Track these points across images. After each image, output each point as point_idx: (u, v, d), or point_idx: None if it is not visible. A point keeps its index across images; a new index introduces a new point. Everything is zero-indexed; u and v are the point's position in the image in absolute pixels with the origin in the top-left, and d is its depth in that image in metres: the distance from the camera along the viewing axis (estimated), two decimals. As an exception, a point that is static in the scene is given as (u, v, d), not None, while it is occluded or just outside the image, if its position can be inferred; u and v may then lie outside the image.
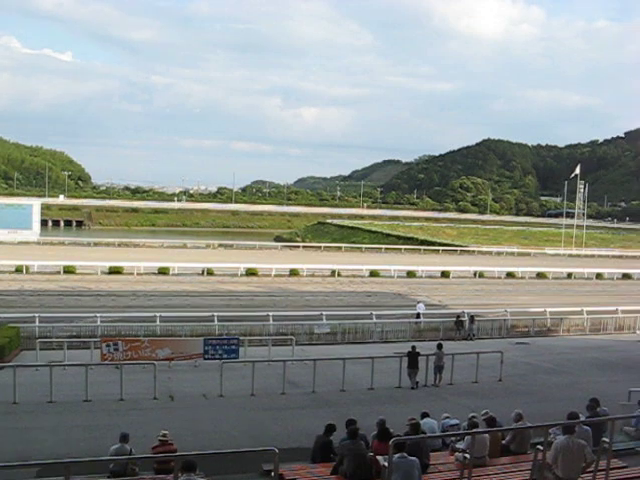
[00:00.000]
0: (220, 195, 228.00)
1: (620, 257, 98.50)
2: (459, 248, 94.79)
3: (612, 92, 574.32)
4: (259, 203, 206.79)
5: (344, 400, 20.56)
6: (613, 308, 42.41)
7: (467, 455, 8.97)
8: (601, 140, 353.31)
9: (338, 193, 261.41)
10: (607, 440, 9.90)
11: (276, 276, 59.69)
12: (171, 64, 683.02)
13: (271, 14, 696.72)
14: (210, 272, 59.17)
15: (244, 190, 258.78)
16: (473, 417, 13.75)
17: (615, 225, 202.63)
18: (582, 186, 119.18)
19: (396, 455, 9.27)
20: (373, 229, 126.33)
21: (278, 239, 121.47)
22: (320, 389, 21.52)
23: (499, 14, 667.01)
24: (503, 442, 13.27)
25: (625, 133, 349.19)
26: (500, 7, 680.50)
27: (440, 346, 24.13)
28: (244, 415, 18.96)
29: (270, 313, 34.22)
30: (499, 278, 66.16)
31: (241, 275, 59.14)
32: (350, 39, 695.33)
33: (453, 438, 13.55)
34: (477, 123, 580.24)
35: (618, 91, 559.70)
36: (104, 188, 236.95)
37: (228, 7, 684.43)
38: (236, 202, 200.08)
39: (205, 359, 25.11)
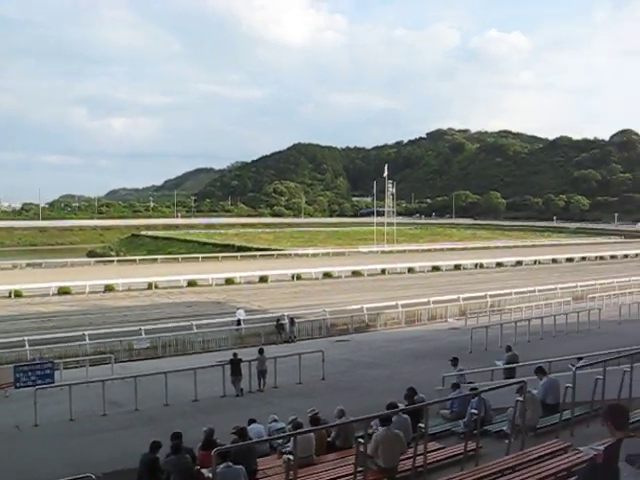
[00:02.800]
0: (26, 212, 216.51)
1: (429, 251, 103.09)
2: (276, 252, 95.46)
3: (413, 95, 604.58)
4: (69, 218, 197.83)
5: (169, 415, 20.04)
6: (425, 300, 44.40)
7: (290, 457, 8.95)
8: (405, 141, 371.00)
9: (151, 204, 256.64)
10: (422, 425, 10.24)
11: (90, 293, 57.28)
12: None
13: (75, 20, 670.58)
14: (18, 294, 55.65)
15: (52, 205, 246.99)
16: (296, 418, 13.83)
17: (423, 221, 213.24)
18: (390, 185, 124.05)
19: (221, 465, 9.11)
20: (189, 238, 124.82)
21: (91, 254, 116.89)
22: (143, 406, 20.87)
23: (304, 22, 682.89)
24: (329, 439, 13.44)
25: (427, 134, 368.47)
26: (305, 15, 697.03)
27: (261, 351, 24.18)
28: (63, 443, 18.00)
29: (86, 332, 32.92)
30: (316, 279, 67.25)
31: (53, 295, 56.16)
32: (159, 47, 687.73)
33: (280, 441, 13.56)
34: (288, 128, 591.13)
35: (418, 94, 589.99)
36: None
37: (27, 11, 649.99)
38: (43, 218, 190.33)
39: (17, 388, 23.62)
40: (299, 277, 67.16)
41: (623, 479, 5.62)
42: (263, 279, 65.15)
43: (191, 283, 61.75)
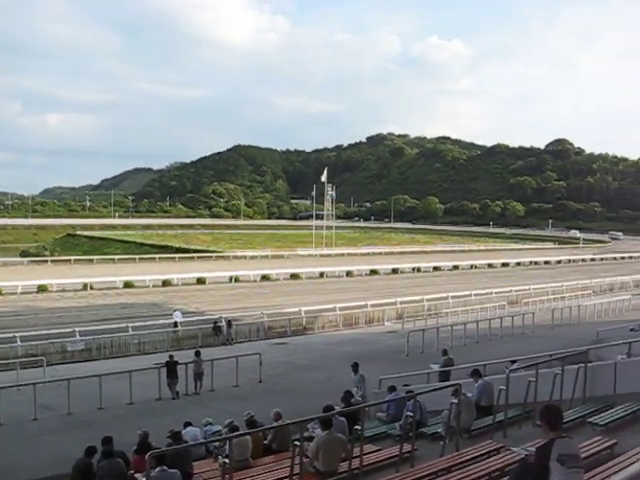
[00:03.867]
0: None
1: (367, 254, 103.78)
2: (214, 254, 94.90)
3: (354, 100, 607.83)
4: (0, 216, 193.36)
5: (103, 418, 19.66)
6: (363, 303, 44.63)
7: (226, 460, 8.87)
8: (345, 145, 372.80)
9: (88, 203, 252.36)
10: (359, 428, 10.30)
11: (22, 294, 55.86)
12: None
13: (11, 12, 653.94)
14: (-56, 296, 53.98)
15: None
16: (232, 421, 13.75)
17: (362, 224, 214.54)
18: (330, 189, 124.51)
19: (156, 469, 8.99)
20: (126, 239, 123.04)
21: (24, 254, 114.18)
22: (76, 409, 20.43)
23: (247, 22, 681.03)
24: (265, 442, 13.40)
25: (367, 138, 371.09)
26: (247, 16, 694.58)
27: (198, 353, 23.96)
28: (-9, 448, 17.47)
29: (17, 334, 32.08)
30: (255, 281, 67.02)
31: (-18, 296, 54.71)
32: (99, 43, 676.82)
33: (216, 444, 13.45)
34: (228, 129, 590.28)
35: (358, 98, 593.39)
36: None
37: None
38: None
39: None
40: (237, 279, 66.83)
41: (553, 478, 5.75)
42: (201, 281, 64.65)
43: (127, 284, 60.83)
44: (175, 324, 37.60)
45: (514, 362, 17.38)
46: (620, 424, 11.27)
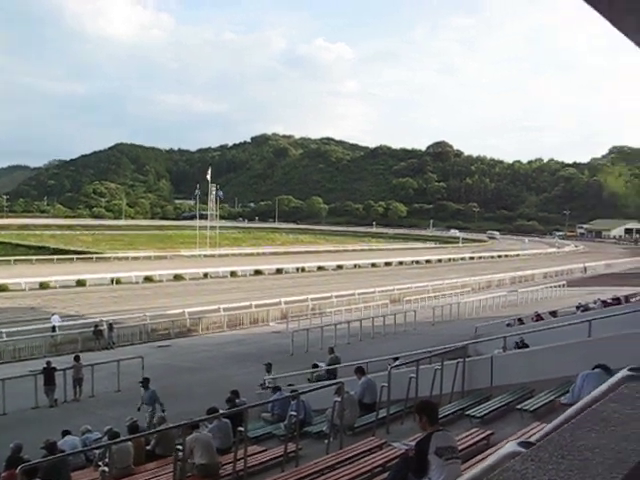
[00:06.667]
0: None
1: (252, 255, 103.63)
2: (95, 255, 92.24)
3: (238, 99, 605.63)
4: None
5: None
6: (247, 303, 44.53)
7: (105, 469, 8.66)
8: (230, 144, 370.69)
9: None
10: (243, 429, 10.27)
11: None
12: None
13: None
14: None
15: None
16: (112, 428, 13.43)
17: (246, 225, 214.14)
18: (214, 189, 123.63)
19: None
20: (0, 240, 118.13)
21: None
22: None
23: (130, 18, 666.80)
24: (148, 448, 13.16)
25: (251, 138, 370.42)
26: (132, 11, 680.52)
27: (77, 358, 23.31)
28: None
29: None
30: (137, 283, 65.66)
31: None
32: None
33: (96, 452, 13.09)
34: (111, 127, 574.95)
35: (244, 98, 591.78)
36: None
37: None
38: None
39: None
40: (119, 281, 65.25)
41: (432, 471, 5.90)
42: (81, 283, 62.69)
43: (1, 287, 58.33)
44: (53, 328, 36.35)
45: (396, 359, 17.76)
46: (496, 415, 11.71)
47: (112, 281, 64.78)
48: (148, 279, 67.85)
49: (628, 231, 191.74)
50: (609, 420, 1.51)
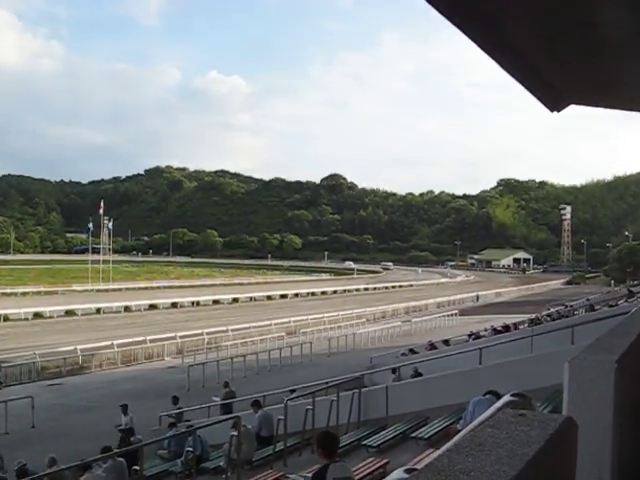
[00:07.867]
0: None
1: (146, 289, 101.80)
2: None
3: (132, 130, 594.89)
4: None
5: None
6: (142, 338, 43.73)
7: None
8: (123, 177, 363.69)
9: None
10: (138, 468, 10.16)
11: None
12: None
13: None
14: None
15: None
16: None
17: (140, 258, 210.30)
18: (107, 222, 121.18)
19: None
20: None
21: None
22: None
23: (20, 46, 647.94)
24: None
25: (145, 170, 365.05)
26: (20, 39, 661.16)
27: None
28: None
29: None
30: (26, 319, 63.38)
31: None
32: None
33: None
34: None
35: (138, 130, 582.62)
36: None
37: None
38: None
39: None
40: (7, 318, 62.65)
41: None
42: (-35, 321, 60.16)
43: None
44: None
45: (293, 391, 17.86)
46: (391, 444, 11.97)
47: (-1, 318, 62.29)
48: (38, 315, 65.61)
49: (516, 260, 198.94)
50: (485, 445, 1.64)
